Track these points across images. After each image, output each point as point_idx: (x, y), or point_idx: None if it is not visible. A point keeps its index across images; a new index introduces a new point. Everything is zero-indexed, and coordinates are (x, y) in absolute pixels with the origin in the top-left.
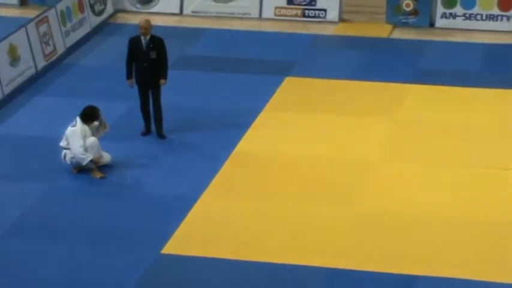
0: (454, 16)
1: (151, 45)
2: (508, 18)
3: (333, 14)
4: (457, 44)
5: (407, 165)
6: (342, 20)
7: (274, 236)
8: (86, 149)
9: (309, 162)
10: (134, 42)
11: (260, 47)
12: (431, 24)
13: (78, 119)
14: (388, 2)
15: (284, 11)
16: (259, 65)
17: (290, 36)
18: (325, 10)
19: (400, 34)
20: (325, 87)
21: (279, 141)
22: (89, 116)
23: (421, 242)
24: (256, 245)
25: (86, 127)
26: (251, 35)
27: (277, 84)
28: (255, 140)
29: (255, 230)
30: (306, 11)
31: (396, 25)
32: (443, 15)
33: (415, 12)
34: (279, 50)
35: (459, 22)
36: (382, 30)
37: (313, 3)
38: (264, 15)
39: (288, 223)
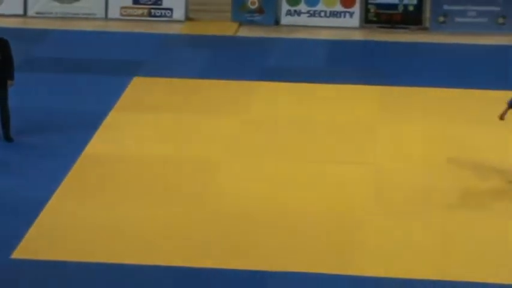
0: (298, 13)
1: None
2: (351, 14)
3: (179, 13)
4: (302, 40)
5: (254, 162)
6: (188, 18)
7: (125, 238)
8: None
9: (158, 161)
10: None
11: (107, 48)
12: (277, 22)
13: None
14: (233, 0)
15: (130, 10)
16: (106, 65)
17: (137, 36)
18: (171, 9)
19: (246, 32)
20: (173, 87)
21: (128, 142)
22: None
23: (271, 238)
24: (107, 247)
25: None
26: (97, 36)
27: (125, 84)
28: (104, 141)
29: (107, 231)
30: (152, 11)
31: (242, 23)
32: (288, 13)
33: (260, 10)
34: (126, 50)
35: (304, 19)
36: (228, 28)
37: (159, 2)
38: (110, 15)
39: (137, 224)
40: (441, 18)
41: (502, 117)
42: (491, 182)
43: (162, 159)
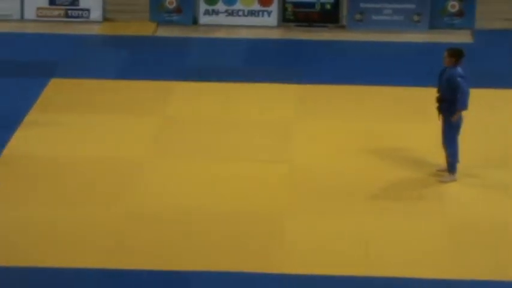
0: (216, 13)
1: None
2: (269, 13)
3: (96, 14)
4: (221, 40)
5: (175, 162)
6: (105, 19)
7: (42, 239)
8: None
9: (77, 162)
10: None
11: (23, 49)
12: (195, 22)
13: None
14: (151, 0)
15: (46, 11)
16: (22, 67)
17: (54, 37)
18: (88, 10)
19: (164, 32)
20: (91, 88)
21: (47, 143)
22: None
23: (190, 238)
24: (20, 249)
25: None
26: (13, 37)
27: (42, 86)
28: (22, 142)
29: (21, 233)
30: (69, 11)
31: (160, 23)
32: (206, 12)
33: (178, 10)
34: (42, 52)
35: (222, 18)
36: (146, 29)
37: (76, 3)
38: (26, 16)
39: (55, 225)
40: (358, 16)
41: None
42: (410, 175)
43: (81, 160)
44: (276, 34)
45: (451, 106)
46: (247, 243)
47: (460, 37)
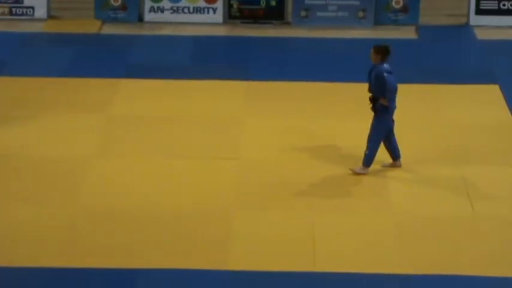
0: (162, 10)
1: None
2: (215, 10)
3: (41, 11)
4: (167, 37)
5: (123, 160)
6: (50, 17)
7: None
8: None
9: (24, 161)
10: None
11: None
12: (140, 19)
13: None
14: None
15: None
16: None
17: None
18: (33, 7)
19: (109, 29)
20: (37, 86)
21: None
22: None
23: (139, 235)
24: None
25: None
26: None
27: None
28: None
29: None
30: (13, 9)
31: (105, 21)
32: (152, 9)
33: (123, 7)
34: None
35: (167, 16)
36: (91, 26)
37: (21, 0)
38: None
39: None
40: (303, 13)
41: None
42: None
43: (27, 159)
44: (222, 31)
45: (381, 105)
46: (196, 239)
47: (405, 33)
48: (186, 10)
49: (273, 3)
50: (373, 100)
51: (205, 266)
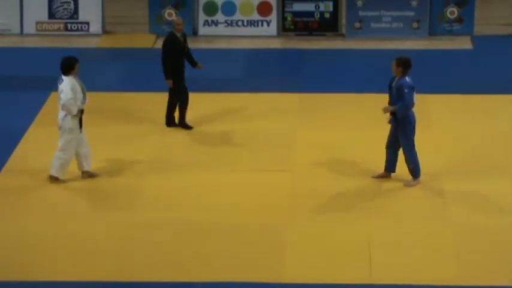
0: (216, 23)
1: (186, 40)
2: (268, 23)
3: (96, 27)
4: (221, 50)
5: (177, 173)
6: (105, 32)
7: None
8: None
9: (79, 176)
10: (172, 40)
11: (23, 64)
12: (195, 32)
13: (62, 76)
14: (150, 12)
15: (46, 25)
16: (23, 82)
17: (53, 51)
18: (87, 23)
19: None
20: (93, 100)
21: (49, 157)
22: (66, 65)
23: (201, 249)
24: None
25: (73, 80)
26: (13, 52)
27: (43, 100)
28: (23, 158)
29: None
30: (69, 25)
31: (160, 35)
32: (206, 23)
33: None
34: (42, 66)
35: (221, 29)
36: (145, 41)
37: (75, 16)
38: (26, 30)
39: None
40: (357, 24)
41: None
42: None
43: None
44: (276, 44)
45: (404, 119)
46: (251, 252)
47: (460, 43)
48: (240, 23)
49: (327, 15)
50: (394, 113)
51: (261, 279)
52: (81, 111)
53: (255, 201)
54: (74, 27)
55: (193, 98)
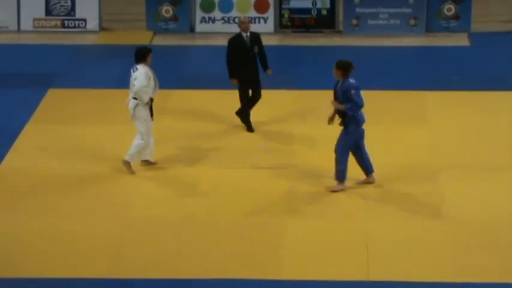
0: (213, 20)
1: (253, 41)
2: (265, 19)
3: (93, 24)
4: (218, 47)
5: (175, 170)
6: (102, 29)
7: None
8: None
9: (76, 175)
10: (236, 40)
11: (20, 61)
12: (192, 29)
13: (136, 64)
14: (147, 9)
15: (43, 22)
16: (20, 78)
17: (50, 47)
18: (84, 20)
19: (161, 40)
20: (90, 97)
21: (45, 155)
22: (139, 55)
23: (197, 246)
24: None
25: (146, 68)
26: (10, 49)
27: (40, 96)
28: (21, 154)
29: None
30: (66, 22)
31: (157, 32)
32: (203, 20)
33: (174, 18)
34: (40, 62)
35: (218, 26)
36: (143, 37)
37: (72, 13)
38: (23, 27)
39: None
40: (354, 21)
41: (330, 122)
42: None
43: (80, 172)
44: (273, 40)
45: (350, 118)
46: (248, 249)
47: (457, 40)
48: (237, 20)
49: (324, 12)
50: (342, 115)
51: (259, 276)
52: (151, 100)
53: (253, 199)
54: (71, 24)
55: (191, 95)
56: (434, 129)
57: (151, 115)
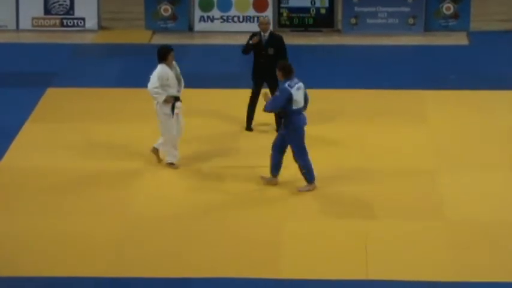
0: (212, 19)
1: (270, 42)
2: None
3: (91, 23)
4: (217, 46)
5: (174, 170)
6: (101, 27)
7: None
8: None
9: (74, 173)
10: (254, 37)
11: (19, 60)
12: (190, 28)
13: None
14: (146, 8)
15: (42, 21)
16: (19, 77)
17: (49, 46)
18: (83, 19)
19: (160, 39)
20: (89, 96)
21: (44, 154)
22: (159, 54)
23: (196, 245)
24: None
25: (165, 67)
26: (8, 48)
27: (39, 95)
28: (18, 154)
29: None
30: (64, 21)
31: (156, 31)
32: (202, 19)
33: (173, 17)
34: (39, 62)
35: (217, 25)
36: (141, 37)
37: (71, 12)
38: (21, 26)
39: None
40: (353, 20)
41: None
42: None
43: (78, 170)
44: None
45: (286, 120)
46: (247, 248)
47: (456, 39)
48: (235, 19)
49: (323, 11)
50: (279, 116)
51: (258, 275)
52: (176, 98)
53: (253, 199)
54: (70, 23)
55: (189, 94)
56: (433, 128)
57: (173, 112)
